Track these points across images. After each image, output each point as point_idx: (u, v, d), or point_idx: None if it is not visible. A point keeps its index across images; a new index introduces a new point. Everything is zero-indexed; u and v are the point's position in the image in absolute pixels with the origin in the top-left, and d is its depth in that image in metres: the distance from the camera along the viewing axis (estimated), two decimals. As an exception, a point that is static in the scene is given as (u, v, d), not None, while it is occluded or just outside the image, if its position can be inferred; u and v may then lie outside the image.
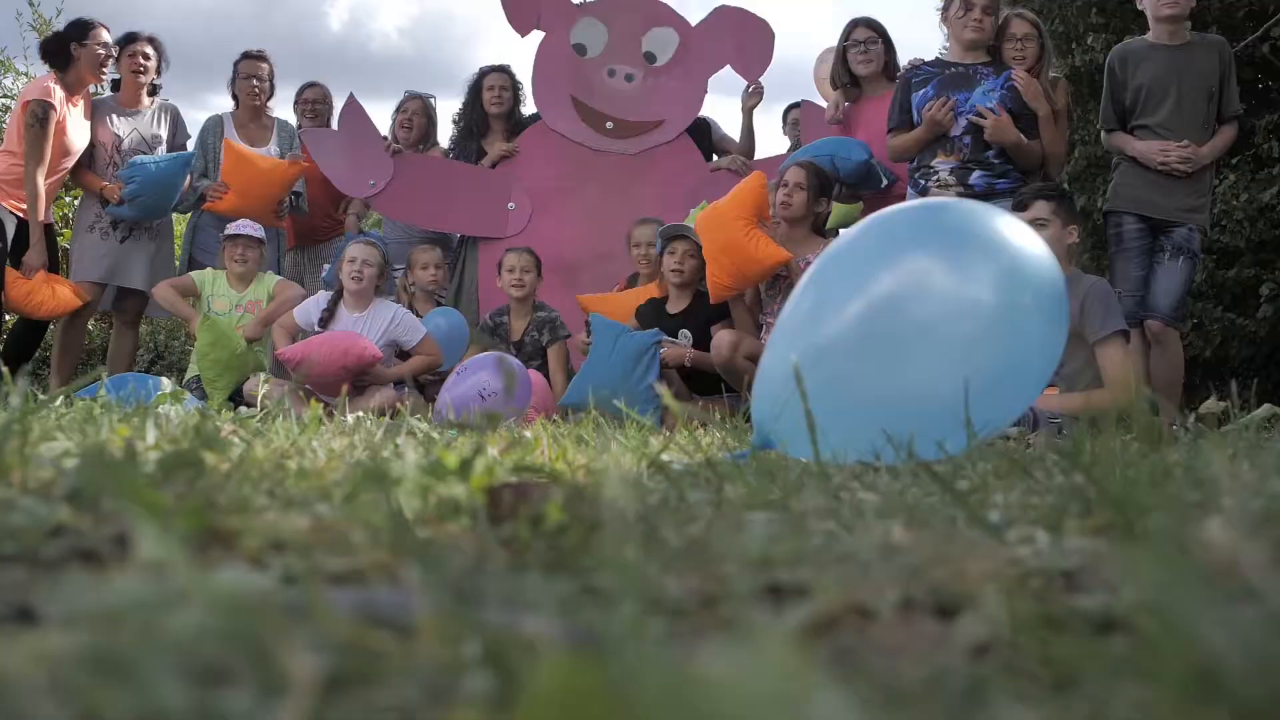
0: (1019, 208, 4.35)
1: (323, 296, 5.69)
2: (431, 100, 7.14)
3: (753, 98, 6.60)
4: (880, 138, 5.47)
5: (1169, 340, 5.08)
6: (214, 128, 6.56)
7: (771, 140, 6.18)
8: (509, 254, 5.86)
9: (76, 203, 7.05)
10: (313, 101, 7.05)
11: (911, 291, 1.92)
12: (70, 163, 6.05)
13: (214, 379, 5.56)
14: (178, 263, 6.71)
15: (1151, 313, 5.06)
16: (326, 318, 5.54)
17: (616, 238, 6.08)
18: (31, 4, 9.40)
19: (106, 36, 6.05)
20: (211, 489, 0.98)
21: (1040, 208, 4.27)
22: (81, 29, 5.99)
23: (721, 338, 4.91)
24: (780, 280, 5.19)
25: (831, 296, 2.02)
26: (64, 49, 5.96)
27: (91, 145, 6.13)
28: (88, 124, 6.10)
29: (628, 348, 5.12)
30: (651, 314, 5.53)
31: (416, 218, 6.67)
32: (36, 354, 7.76)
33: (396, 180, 6.65)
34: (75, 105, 5.99)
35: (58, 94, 5.83)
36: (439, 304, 6.28)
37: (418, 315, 5.87)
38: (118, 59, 6.22)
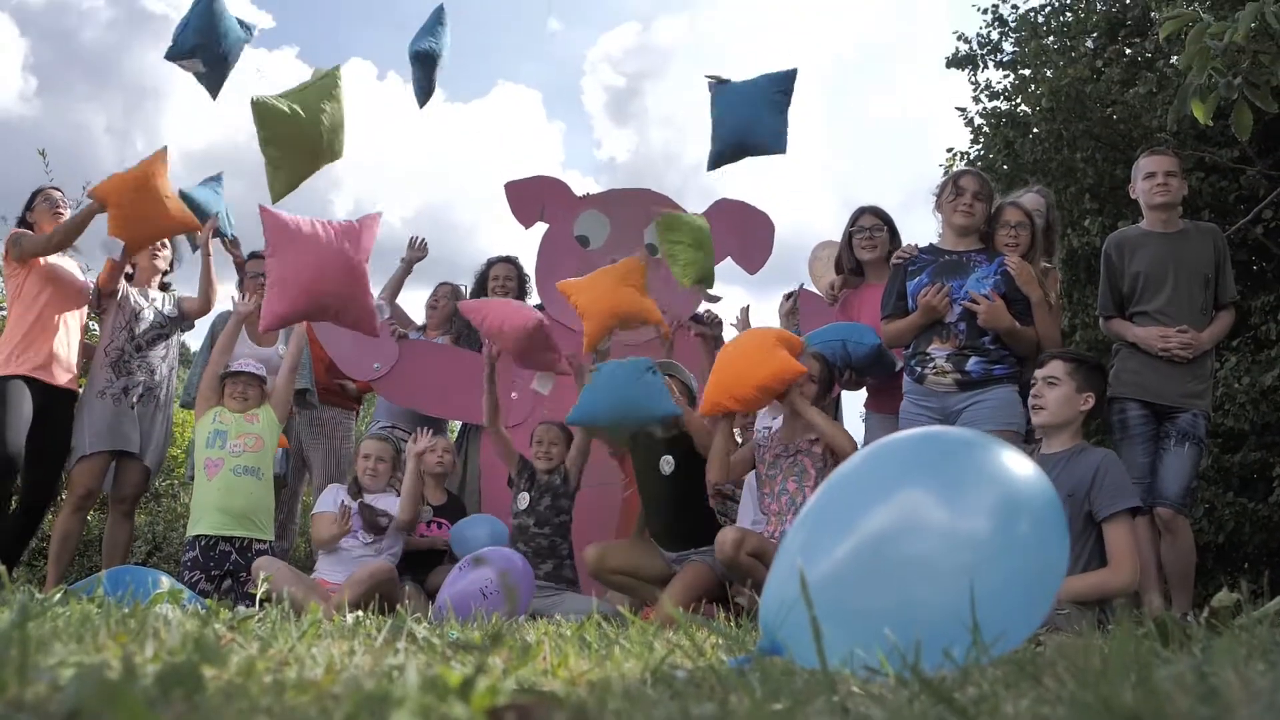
0: (1038, 365, 4.40)
1: (339, 489, 5.87)
2: (463, 288, 7.32)
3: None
4: (879, 323, 5.52)
5: (1179, 528, 5.03)
6: (223, 323, 6.65)
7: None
8: (540, 427, 5.92)
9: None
10: (263, 278, 7.08)
11: (905, 528, 1.94)
12: (73, 297, 6.24)
13: (276, 163, 5.45)
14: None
15: (1160, 500, 5.03)
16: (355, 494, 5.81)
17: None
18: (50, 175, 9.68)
19: (53, 194, 6.45)
20: (210, 710, 0.96)
21: (1055, 366, 4.30)
22: (31, 198, 6.44)
23: (725, 534, 4.89)
24: (782, 460, 5.16)
25: (825, 533, 2.04)
26: (23, 220, 6.40)
27: (101, 305, 6.36)
28: (65, 260, 6.33)
29: (629, 366, 5.33)
30: (639, 442, 5.56)
31: (419, 403, 6.70)
32: (33, 544, 7.72)
33: (401, 365, 6.71)
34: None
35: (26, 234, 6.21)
36: (448, 492, 6.32)
37: (425, 501, 6.06)
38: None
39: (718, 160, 6.18)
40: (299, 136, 5.40)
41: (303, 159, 5.48)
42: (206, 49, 5.76)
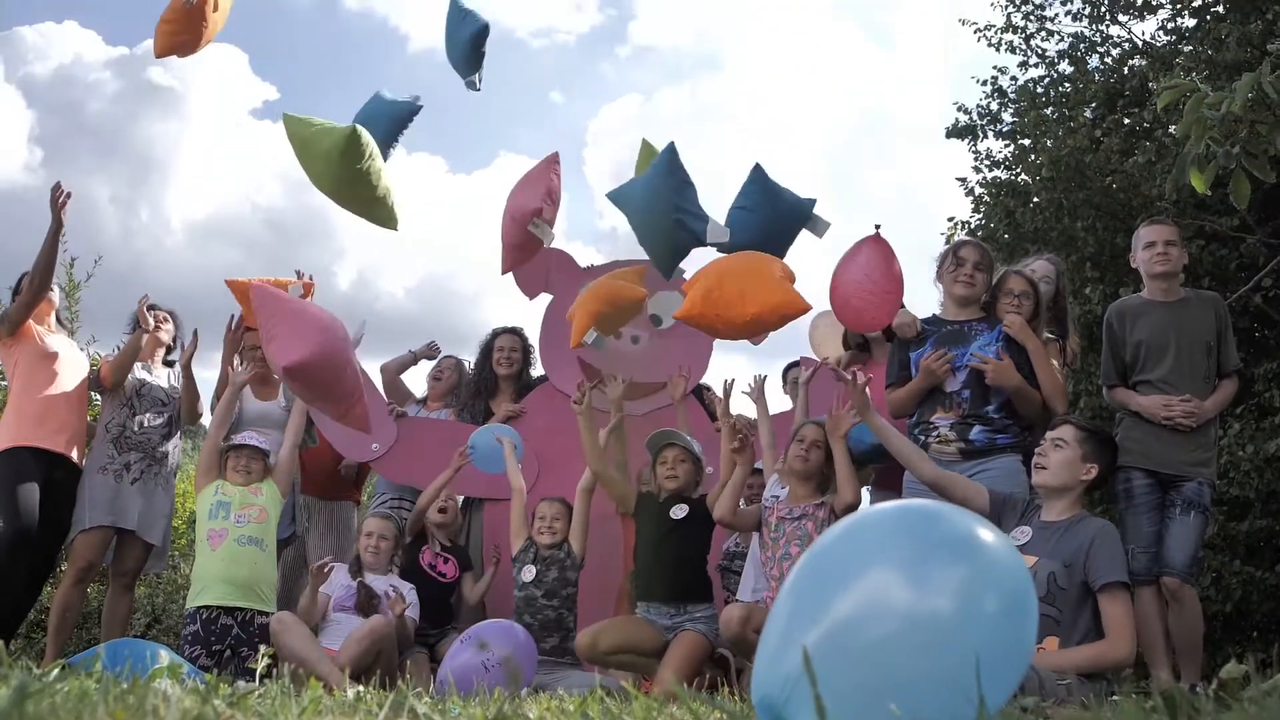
0: (1051, 427, 4.40)
1: (342, 570, 5.85)
2: (466, 363, 7.36)
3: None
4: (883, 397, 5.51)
5: (1186, 597, 4.99)
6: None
7: (773, 398, 6.23)
8: (542, 503, 5.93)
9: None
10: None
11: (869, 609, 1.96)
12: (71, 374, 6.25)
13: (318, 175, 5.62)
14: None
15: (1166, 569, 5.00)
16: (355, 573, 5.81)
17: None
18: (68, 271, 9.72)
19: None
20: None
21: (1065, 430, 4.29)
22: (19, 281, 6.38)
23: (731, 612, 4.89)
24: (786, 523, 5.13)
25: (797, 621, 2.06)
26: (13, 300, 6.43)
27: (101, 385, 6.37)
28: (62, 337, 6.40)
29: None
30: (644, 500, 5.60)
31: (419, 480, 6.65)
32: (31, 615, 7.68)
33: (400, 444, 6.70)
34: (46, 327, 6.32)
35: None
36: (451, 543, 6.39)
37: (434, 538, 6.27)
38: (137, 320, 6.48)
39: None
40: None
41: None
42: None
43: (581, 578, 5.79)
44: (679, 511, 5.42)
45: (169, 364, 6.64)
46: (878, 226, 5.39)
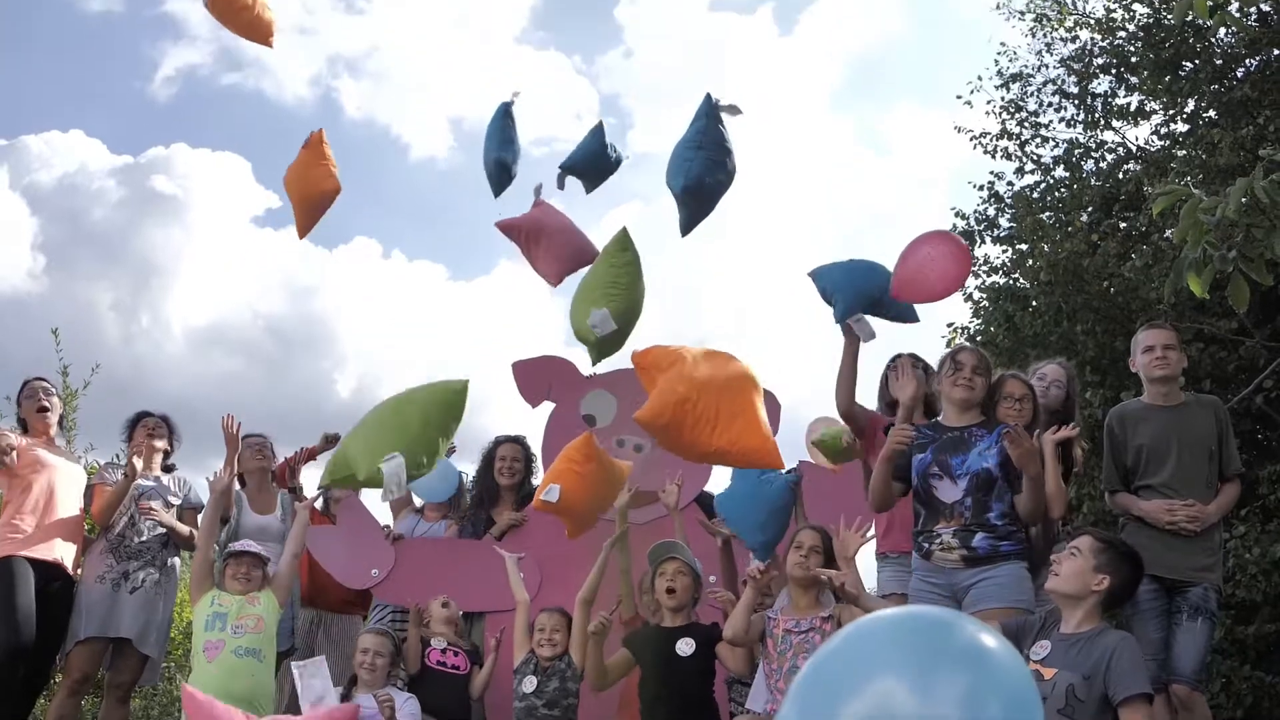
0: (1071, 536, 4.35)
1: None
2: (463, 475, 7.27)
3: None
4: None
5: (1196, 704, 4.92)
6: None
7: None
8: (542, 614, 5.84)
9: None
10: (258, 447, 7.08)
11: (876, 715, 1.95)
12: (66, 489, 6.25)
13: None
14: None
15: (1175, 676, 4.93)
16: (344, 699, 5.60)
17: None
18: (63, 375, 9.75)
19: (36, 386, 6.50)
20: None
21: (1083, 540, 4.26)
22: (20, 391, 6.55)
23: None
24: (792, 636, 5.08)
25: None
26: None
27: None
28: (58, 450, 6.43)
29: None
30: (647, 635, 5.52)
31: (421, 601, 6.59)
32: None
33: (398, 567, 6.66)
34: (39, 442, 6.36)
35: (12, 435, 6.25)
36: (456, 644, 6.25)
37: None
38: (131, 434, 6.59)
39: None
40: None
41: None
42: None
43: (582, 688, 5.71)
44: (685, 648, 5.35)
45: (168, 469, 6.63)
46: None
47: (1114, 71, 12.86)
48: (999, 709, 1.95)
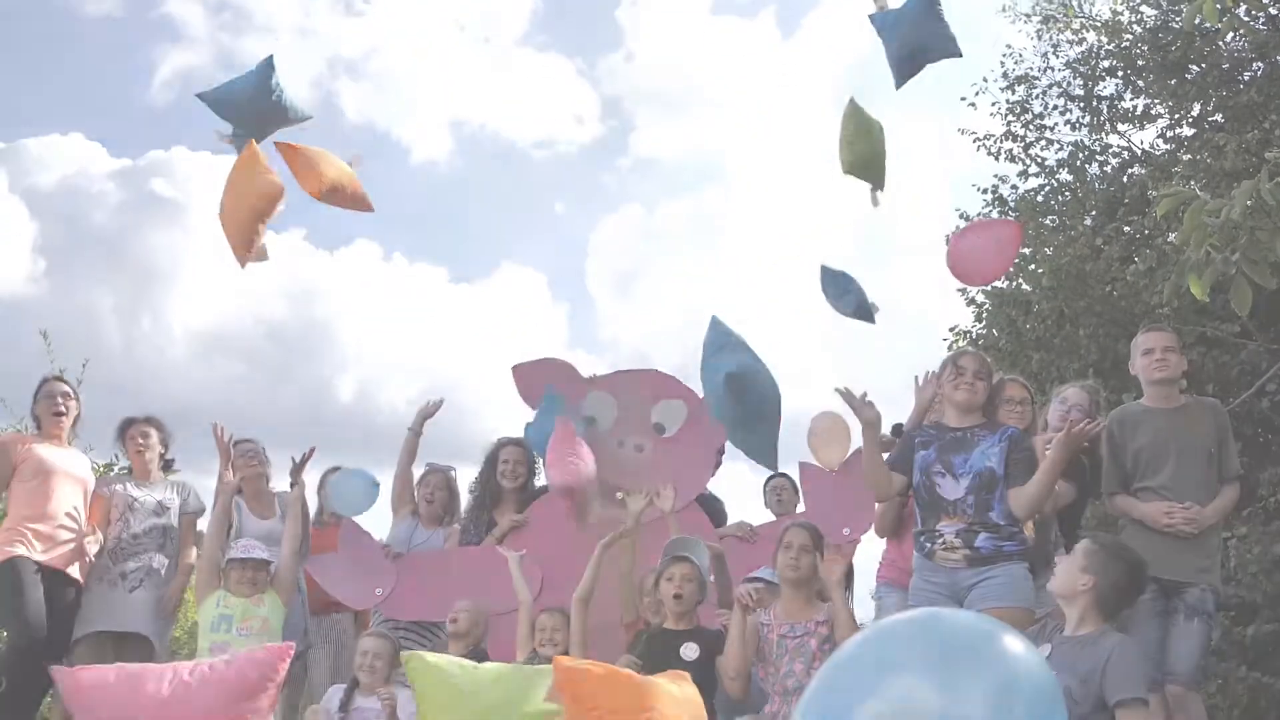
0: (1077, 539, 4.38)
1: (338, 687, 5.74)
2: (452, 473, 7.20)
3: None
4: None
5: (1192, 705, 4.95)
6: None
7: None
8: (543, 615, 5.83)
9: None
10: (250, 454, 6.89)
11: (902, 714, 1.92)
12: (70, 484, 6.21)
13: None
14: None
15: (1171, 677, 4.95)
16: (346, 701, 5.60)
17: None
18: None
19: (53, 388, 6.47)
20: None
21: (1083, 543, 4.31)
22: (37, 389, 6.49)
23: None
24: (787, 640, 5.08)
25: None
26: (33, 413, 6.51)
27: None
28: (65, 453, 6.34)
29: None
30: (651, 637, 5.48)
31: (426, 614, 6.54)
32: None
33: (401, 584, 6.61)
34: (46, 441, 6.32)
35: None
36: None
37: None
38: (123, 441, 6.57)
39: (903, 76, 6.44)
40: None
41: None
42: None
43: None
44: (690, 652, 5.34)
45: (167, 467, 6.61)
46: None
47: (1120, 74, 12.83)
48: (1023, 710, 1.94)
